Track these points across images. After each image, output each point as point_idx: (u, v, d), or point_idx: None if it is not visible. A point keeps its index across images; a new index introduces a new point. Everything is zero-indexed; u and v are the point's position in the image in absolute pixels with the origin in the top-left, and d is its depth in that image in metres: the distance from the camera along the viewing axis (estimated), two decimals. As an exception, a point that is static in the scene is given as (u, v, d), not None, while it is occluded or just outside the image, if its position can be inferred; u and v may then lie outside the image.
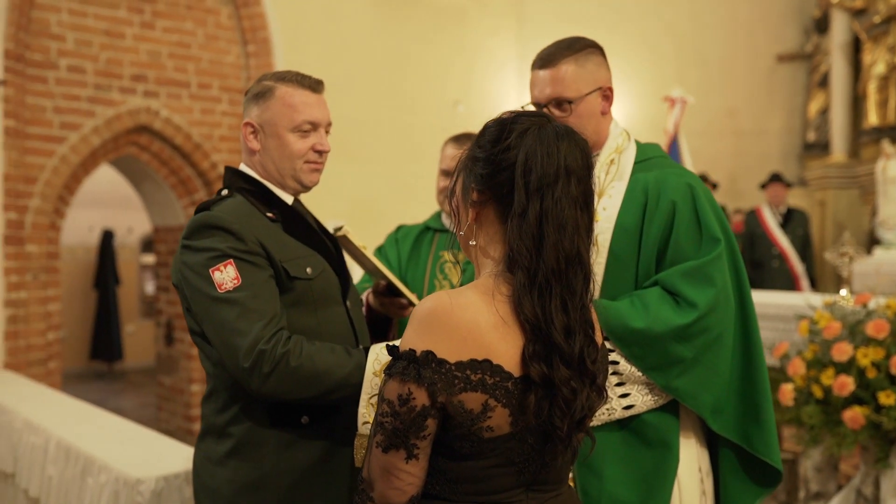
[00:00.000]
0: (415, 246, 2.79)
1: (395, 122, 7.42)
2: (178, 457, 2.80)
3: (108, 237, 10.33)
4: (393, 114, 7.43)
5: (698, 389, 1.88)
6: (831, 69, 8.87)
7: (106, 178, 8.39)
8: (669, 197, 1.95)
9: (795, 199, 8.51)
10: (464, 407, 1.30)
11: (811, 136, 9.30)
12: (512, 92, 8.57)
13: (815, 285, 7.62)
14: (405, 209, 6.80)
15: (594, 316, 1.47)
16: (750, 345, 1.98)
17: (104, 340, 10.16)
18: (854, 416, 3.27)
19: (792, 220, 7.52)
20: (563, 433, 1.35)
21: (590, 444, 1.46)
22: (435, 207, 2.94)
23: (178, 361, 6.94)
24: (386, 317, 2.30)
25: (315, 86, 2.01)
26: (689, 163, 7.52)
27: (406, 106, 7.54)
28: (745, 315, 1.98)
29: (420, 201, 7.27)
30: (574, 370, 1.34)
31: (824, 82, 9.13)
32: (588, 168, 1.40)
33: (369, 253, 2.14)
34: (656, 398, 1.92)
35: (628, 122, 8.51)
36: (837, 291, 4.88)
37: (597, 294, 1.97)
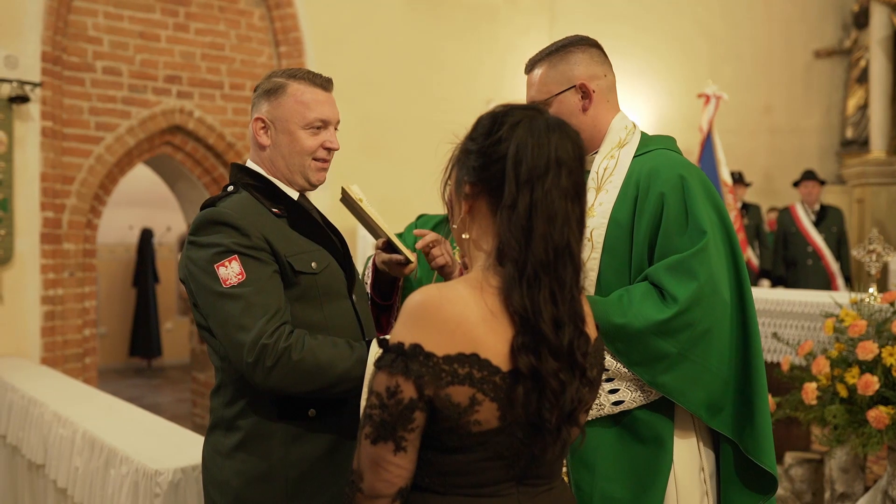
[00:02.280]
0: None
1: (426, 120, 7.45)
2: (196, 449, 2.85)
3: (146, 236, 10.51)
4: (424, 112, 7.45)
5: (687, 386, 1.85)
6: (870, 64, 8.71)
7: (145, 177, 8.55)
8: (659, 189, 1.93)
9: (833, 197, 8.37)
10: (451, 400, 1.31)
11: (849, 133, 9.14)
12: (543, 90, 8.53)
13: (850, 283, 7.49)
14: (435, 207, 6.79)
15: (587, 309, 1.47)
16: (748, 340, 1.94)
17: (143, 337, 10.34)
18: (879, 415, 3.22)
19: (826, 217, 7.41)
20: (552, 425, 1.34)
21: (580, 438, 1.46)
22: None
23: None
24: (393, 279, 2.33)
25: (326, 84, 2.05)
26: (723, 161, 7.43)
27: (437, 104, 7.56)
28: (744, 309, 1.95)
29: (450, 199, 7.29)
30: (563, 362, 1.34)
31: (863, 78, 8.96)
32: (580, 160, 1.40)
33: (366, 206, 2.16)
34: (646, 394, 1.90)
35: (661, 119, 8.44)
36: (881, 291, 4.79)
37: (593, 290, 1.97)
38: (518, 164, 1.35)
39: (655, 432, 1.91)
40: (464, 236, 1.47)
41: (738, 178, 7.76)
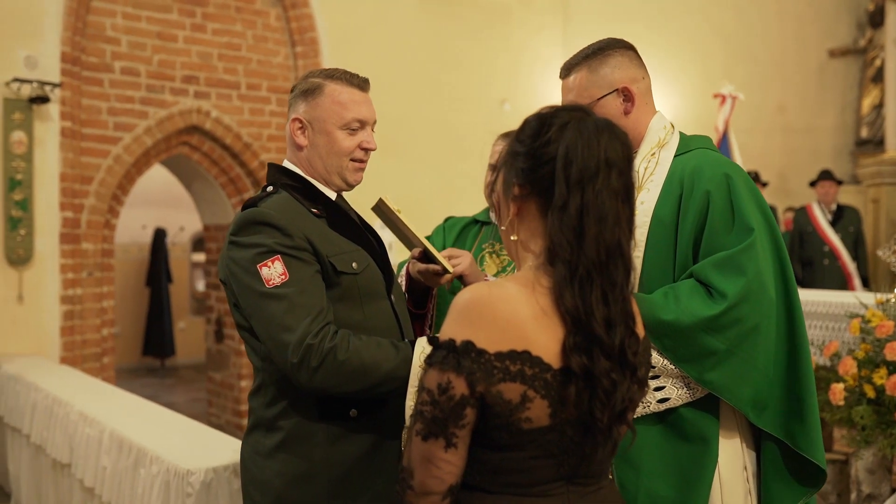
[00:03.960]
0: (460, 236, 2.83)
1: (441, 120, 7.45)
2: (226, 449, 2.86)
3: (160, 235, 10.54)
4: (439, 112, 7.46)
5: (734, 382, 1.86)
6: (886, 63, 8.66)
7: (159, 177, 8.57)
8: (704, 187, 1.93)
9: (848, 196, 8.34)
10: (502, 397, 1.31)
11: (864, 133, 9.10)
12: (557, 90, 8.52)
13: (867, 284, 7.46)
14: (451, 208, 6.79)
15: (635, 308, 1.47)
16: (795, 337, 1.94)
17: (156, 337, 10.36)
18: (907, 416, 3.22)
19: (843, 217, 7.39)
20: (603, 425, 1.35)
21: (630, 437, 1.46)
22: (482, 203, 2.98)
23: (228, 357, 7.06)
24: (426, 288, 2.33)
25: (363, 84, 2.05)
26: (739, 160, 7.41)
27: (452, 104, 7.57)
28: (790, 306, 1.95)
29: (466, 199, 7.28)
30: (614, 362, 1.35)
31: (878, 77, 8.92)
32: (628, 160, 1.40)
33: (404, 217, 2.17)
34: (692, 392, 1.90)
35: (675, 119, 8.39)
36: (891, 290, 4.76)
37: (636, 287, 1.97)
38: (568, 166, 1.36)
39: (701, 430, 1.91)
40: (512, 238, 1.47)
41: (754, 178, 7.73)
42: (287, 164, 2.06)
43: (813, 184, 7.56)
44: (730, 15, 9.04)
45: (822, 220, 7.36)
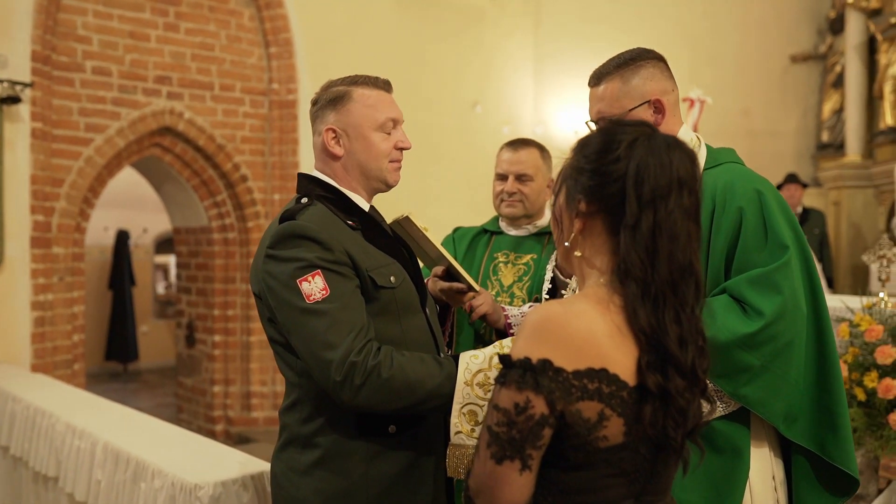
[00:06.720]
0: (470, 246, 2.82)
1: (414, 121, 7.34)
2: (231, 461, 2.79)
3: (123, 237, 10.31)
4: (411, 113, 7.29)
5: (768, 397, 1.88)
6: (846, 70, 8.86)
7: (122, 178, 8.37)
8: (736, 203, 1.95)
9: (810, 199, 8.51)
10: (581, 416, 1.30)
11: (825, 137, 9.30)
12: (528, 93, 8.56)
13: (831, 285, 7.63)
14: (424, 210, 6.79)
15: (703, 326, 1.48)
16: (824, 351, 1.98)
17: (119, 341, 10.14)
18: (898, 419, 3.29)
19: (808, 220, 7.54)
20: (677, 444, 1.36)
21: (699, 455, 1.46)
22: (455, 205, 2.99)
23: (200, 362, 6.94)
24: (445, 305, 2.32)
25: (387, 86, 2.04)
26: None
27: (424, 107, 7.53)
28: (819, 321, 1.98)
29: (439, 202, 7.28)
30: (687, 380, 1.35)
31: (839, 83, 9.13)
32: (697, 178, 1.40)
33: (431, 235, 2.15)
34: (725, 405, 1.92)
35: (644, 122, 8.50)
36: (856, 292, 4.87)
37: None
38: (640, 184, 1.35)
39: (733, 442, 1.93)
40: (576, 254, 1.46)
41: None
42: (317, 174, 2.02)
43: (779, 187, 7.70)
44: (697, 20, 9.16)
45: (788, 223, 7.49)
